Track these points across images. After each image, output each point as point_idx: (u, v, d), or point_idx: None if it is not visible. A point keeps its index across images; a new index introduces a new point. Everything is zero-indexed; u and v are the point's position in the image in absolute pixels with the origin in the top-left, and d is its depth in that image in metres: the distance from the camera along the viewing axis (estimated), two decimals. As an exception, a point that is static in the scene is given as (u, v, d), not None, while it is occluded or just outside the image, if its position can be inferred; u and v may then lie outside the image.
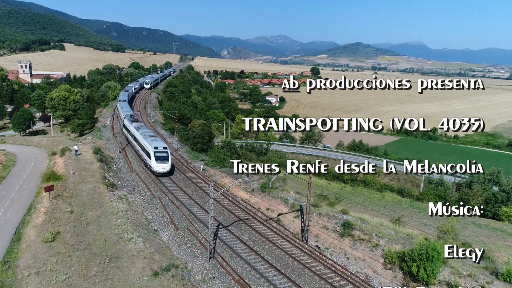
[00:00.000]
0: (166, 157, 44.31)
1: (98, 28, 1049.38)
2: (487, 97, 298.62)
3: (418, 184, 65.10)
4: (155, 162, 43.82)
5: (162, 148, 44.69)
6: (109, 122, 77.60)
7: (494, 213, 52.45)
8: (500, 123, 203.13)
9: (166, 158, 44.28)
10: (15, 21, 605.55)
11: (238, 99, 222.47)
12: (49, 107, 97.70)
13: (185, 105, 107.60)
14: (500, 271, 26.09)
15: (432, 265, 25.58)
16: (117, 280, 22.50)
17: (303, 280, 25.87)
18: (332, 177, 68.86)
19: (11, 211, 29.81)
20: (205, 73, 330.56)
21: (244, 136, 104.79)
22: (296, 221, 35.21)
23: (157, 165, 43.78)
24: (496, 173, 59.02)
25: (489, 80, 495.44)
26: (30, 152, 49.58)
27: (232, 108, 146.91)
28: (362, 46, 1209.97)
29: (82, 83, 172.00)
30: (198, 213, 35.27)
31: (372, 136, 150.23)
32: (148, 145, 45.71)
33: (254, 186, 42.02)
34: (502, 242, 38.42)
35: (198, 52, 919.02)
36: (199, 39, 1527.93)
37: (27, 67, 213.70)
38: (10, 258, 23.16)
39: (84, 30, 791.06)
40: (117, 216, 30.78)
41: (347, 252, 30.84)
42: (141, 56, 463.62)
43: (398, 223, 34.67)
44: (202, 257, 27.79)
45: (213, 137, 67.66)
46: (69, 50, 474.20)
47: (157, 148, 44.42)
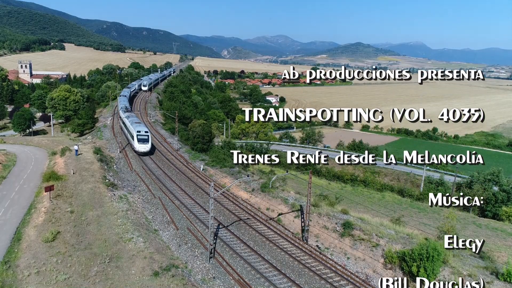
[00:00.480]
0: (146, 140, 52.03)
1: (98, 28, 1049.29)
2: (487, 97, 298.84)
3: (418, 184, 65.10)
4: (137, 143, 51.62)
5: (144, 132, 52.67)
6: (109, 122, 77.60)
7: (494, 213, 52.45)
8: (500, 123, 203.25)
9: (146, 140, 52.01)
10: (15, 21, 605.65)
11: (238, 99, 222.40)
12: (49, 107, 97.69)
13: (185, 105, 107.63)
14: (500, 271, 26.11)
15: (432, 265, 25.59)
16: (117, 280, 22.50)
17: (303, 280, 25.88)
18: (332, 177, 68.90)
19: (12, 211, 29.81)
20: (205, 73, 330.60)
21: (244, 136, 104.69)
22: (296, 221, 35.22)
23: (139, 145, 51.57)
24: (496, 173, 59.00)
25: (489, 80, 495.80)
26: (30, 152, 49.59)
27: (232, 108, 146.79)
28: (362, 46, 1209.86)
29: (82, 83, 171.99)
30: (198, 213, 35.27)
31: (372, 136, 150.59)
32: (133, 130, 53.37)
33: (254, 186, 42.03)
34: (502, 242, 38.42)
35: (198, 52, 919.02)
36: (199, 39, 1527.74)
37: (27, 67, 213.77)
38: (10, 258, 23.16)
39: (84, 30, 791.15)
40: (117, 216, 30.79)
41: (347, 252, 30.84)
42: (141, 56, 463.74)
43: (398, 223, 34.68)
44: (202, 257, 27.80)
45: (213, 137, 67.64)
46: (69, 50, 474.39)
47: (140, 132, 52.34)
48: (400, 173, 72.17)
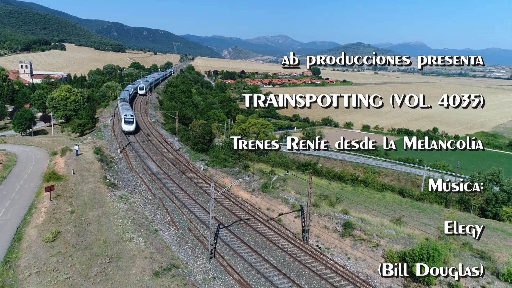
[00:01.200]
0: (131, 122, 64.75)
1: (98, 28, 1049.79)
2: (487, 97, 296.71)
3: (419, 184, 65.09)
4: (124, 124, 64.31)
5: (130, 115, 66.04)
6: (109, 122, 77.57)
7: (494, 213, 52.40)
8: (500, 123, 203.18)
9: (131, 122, 64.72)
10: (15, 21, 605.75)
11: (239, 99, 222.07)
12: (49, 107, 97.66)
13: (185, 105, 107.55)
14: (501, 271, 26.08)
15: (433, 265, 25.53)
16: (117, 280, 22.50)
17: (303, 280, 25.86)
18: (332, 177, 68.87)
19: (12, 211, 29.82)
20: (206, 73, 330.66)
21: (244, 136, 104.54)
22: (296, 221, 35.20)
23: (125, 126, 64.22)
24: (496, 173, 58.92)
25: (489, 80, 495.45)
26: (31, 152, 49.60)
27: (233, 108, 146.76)
28: (363, 46, 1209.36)
29: (83, 83, 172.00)
30: (199, 213, 35.26)
31: (373, 136, 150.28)
32: (122, 114, 68.06)
33: (255, 186, 42.02)
34: (503, 242, 38.34)
35: (198, 52, 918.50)
36: (200, 39, 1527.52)
37: (28, 67, 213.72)
38: (11, 258, 23.17)
39: (85, 30, 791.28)
40: (117, 216, 30.79)
41: (347, 252, 30.82)
42: (142, 56, 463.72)
43: (399, 223, 34.65)
44: (203, 257, 27.79)
45: (213, 137, 67.66)
46: (70, 50, 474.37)
47: (127, 115, 65.83)
48: (401, 173, 72.15)
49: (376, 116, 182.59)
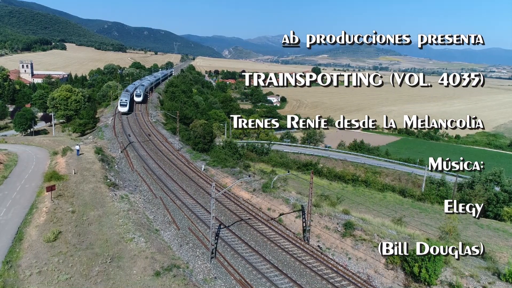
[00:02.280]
0: (125, 104, 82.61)
1: (99, 28, 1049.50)
2: (488, 97, 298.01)
3: (420, 184, 65.05)
4: (119, 106, 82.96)
5: (124, 100, 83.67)
6: (110, 122, 77.64)
7: (496, 213, 52.30)
8: (501, 123, 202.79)
9: (125, 105, 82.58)
10: (16, 21, 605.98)
11: (239, 99, 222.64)
12: (50, 107, 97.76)
13: (186, 105, 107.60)
14: (502, 271, 26.07)
15: (434, 266, 25.55)
16: (118, 280, 22.51)
17: (304, 280, 25.86)
18: (333, 177, 68.88)
19: (13, 210, 29.86)
20: (206, 73, 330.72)
21: (245, 136, 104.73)
22: (297, 221, 35.20)
23: (120, 107, 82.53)
24: (497, 173, 58.86)
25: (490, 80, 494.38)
26: (32, 152, 49.63)
27: (233, 108, 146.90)
28: (363, 46, 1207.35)
29: (84, 83, 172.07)
30: (200, 213, 35.27)
31: (373, 136, 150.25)
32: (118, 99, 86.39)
33: (256, 186, 42.02)
34: (504, 243, 38.32)
35: (199, 52, 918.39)
36: (200, 39, 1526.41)
37: (29, 67, 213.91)
38: (12, 258, 23.19)
39: (86, 30, 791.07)
40: (118, 216, 30.80)
41: (348, 252, 30.82)
42: (143, 56, 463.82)
43: (400, 223, 34.64)
44: (204, 257, 27.80)
45: (214, 137, 67.67)
46: (71, 50, 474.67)
47: (122, 99, 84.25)
48: (402, 173, 72.11)
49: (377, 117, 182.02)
